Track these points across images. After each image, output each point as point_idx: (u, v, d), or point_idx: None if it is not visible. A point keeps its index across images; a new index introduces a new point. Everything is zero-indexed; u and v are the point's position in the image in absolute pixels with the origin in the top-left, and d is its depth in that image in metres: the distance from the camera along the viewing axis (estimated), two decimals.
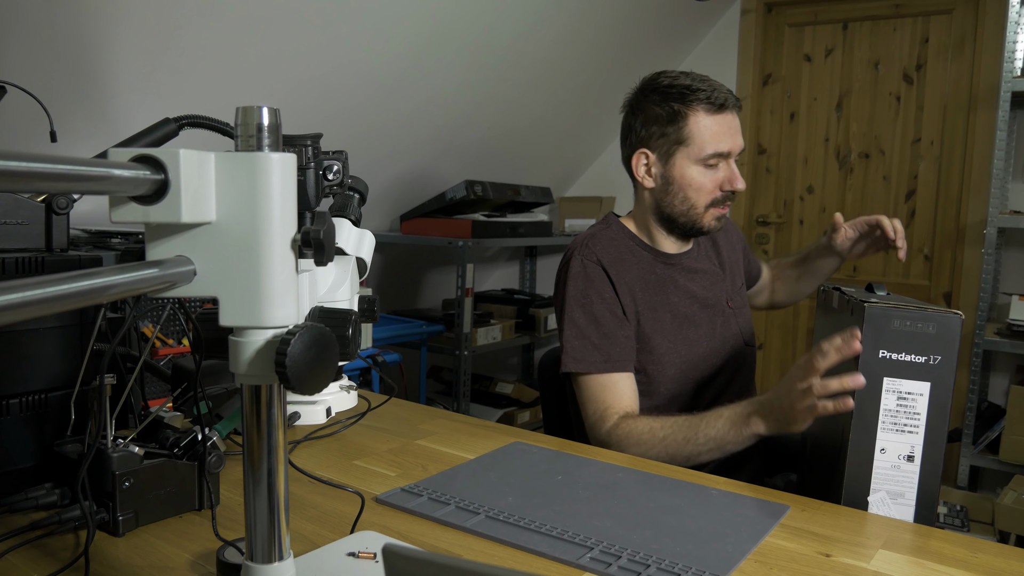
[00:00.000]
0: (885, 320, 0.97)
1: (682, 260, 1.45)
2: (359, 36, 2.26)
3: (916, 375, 0.96)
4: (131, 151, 0.50)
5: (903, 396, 0.97)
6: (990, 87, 2.90)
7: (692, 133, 1.33)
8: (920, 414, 0.97)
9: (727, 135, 1.34)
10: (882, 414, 0.97)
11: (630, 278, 1.39)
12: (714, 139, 1.33)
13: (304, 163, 0.63)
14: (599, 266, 1.38)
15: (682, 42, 3.46)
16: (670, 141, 1.36)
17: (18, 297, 0.37)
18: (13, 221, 0.93)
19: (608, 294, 1.36)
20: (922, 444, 0.97)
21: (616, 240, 1.43)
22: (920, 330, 0.96)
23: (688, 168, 1.35)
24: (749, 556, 0.81)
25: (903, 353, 0.96)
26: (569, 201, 3.62)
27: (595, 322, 1.34)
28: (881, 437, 0.98)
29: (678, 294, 1.42)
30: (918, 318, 0.96)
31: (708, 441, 1.19)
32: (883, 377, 0.97)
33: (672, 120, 1.35)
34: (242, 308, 0.54)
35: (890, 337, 0.97)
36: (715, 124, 1.33)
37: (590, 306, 1.35)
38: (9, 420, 0.88)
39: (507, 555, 0.81)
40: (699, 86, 1.34)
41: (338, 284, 0.70)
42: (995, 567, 0.81)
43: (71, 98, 1.84)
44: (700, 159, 1.34)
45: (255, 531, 0.59)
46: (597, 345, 1.33)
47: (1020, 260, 2.92)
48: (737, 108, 1.36)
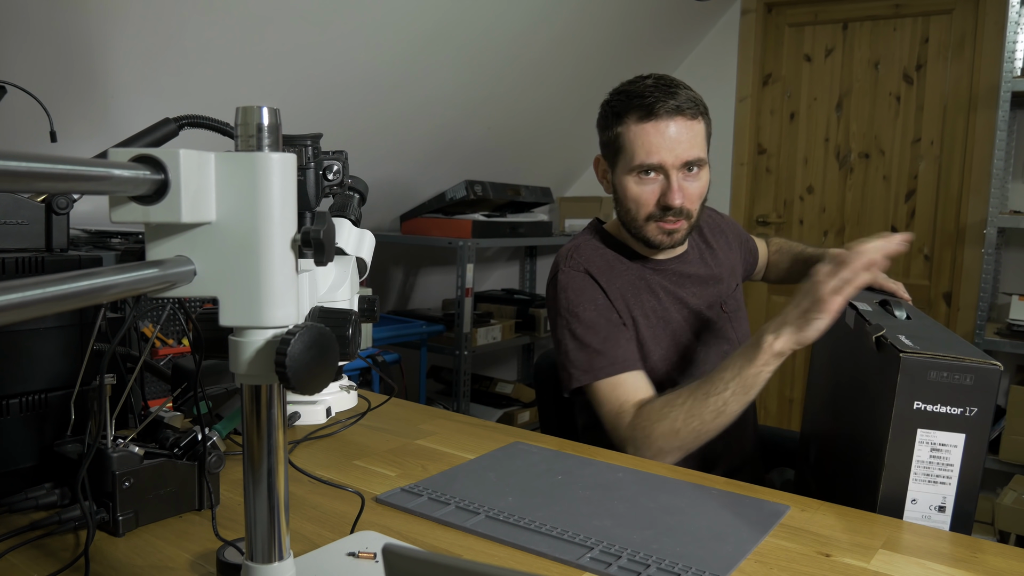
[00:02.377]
0: (922, 371, 0.92)
1: (671, 265, 1.41)
2: (359, 36, 2.26)
3: (951, 427, 0.92)
4: (131, 151, 0.50)
5: (937, 448, 0.93)
6: (990, 87, 2.90)
7: (624, 143, 1.29)
8: (954, 465, 0.93)
9: (661, 146, 1.25)
10: (914, 465, 0.94)
11: (620, 284, 1.35)
12: (643, 150, 1.26)
13: (304, 163, 0.63)
14: (587, 275, 1.34)
15: (682, 42, 3.46)
16: (611, 150, 1.32)
17: (18, 297, 0.37)
18: (13, 221, 0.93)
19: (601, 300, 1.32)
20: (954, 495, 0.94)
21: (601, 249, 1.39)
22: (957, 382, 0.91)
23: (623, 178, 1.31)
24: (749, 556, 0.81)
25: (939, 405, 0.92)
26: (569, 201, 3.62)
27: (592, 329, 1.29)
28: (913, 488, 0.94)
29: (669, 300, 1.38)
30: (956, 369, 0.91)
31: (729, 383, 1.13)
32: (917, 429, 0.93)
33: (607, 128, 1.32)
34: (242, 308, 0.54)
35: (926, 388, 0.92)
36: (645, 133, 1.26)
37: (584, 315, 1.30)
38: (9, 420, 0.88)
39: (507, 555, 0.81)
40: (639, 92, 1.26)
41: (338, 284, 0.70)
42: (995, 567, 0.81)
43: (71, 98, 1.84)
44: (631, 170, 1.29)
45: (255, 531, 0.59)
46: (600, 351, 1.27)
47: (1020, 260, 2.92)
48: (684, 116, 1.26)
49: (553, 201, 3.40)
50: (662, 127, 1.25)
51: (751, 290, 3.37)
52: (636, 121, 1.26)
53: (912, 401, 0.93)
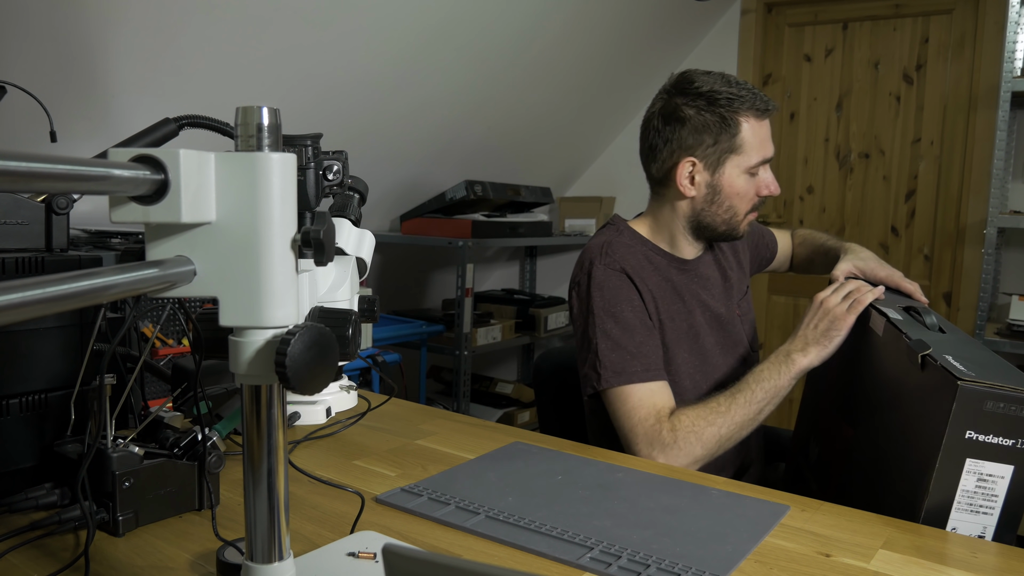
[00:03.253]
0: (979, 402, 0.89)
1: (697, 267, 1.42)
2: (359, 36, 2.26)
3: (1001, 458, 0.90)
4: (131, 151, 0.50)
5: (983, 478, 0.92)
6: (990, 87, 2.90)
7: (743, 141, 1.30)
8: (998, 496, 0.92)
9: (769, 141, 1.33)
10: (959, 495, 0.92)
11: (652, 285, 1.35)
12: (761, 146, 1.31)
13: (304, 163, 0.63)
14: (623, 273, 1.32)
15: (682, 42, 3.46)
16: (721, 149, 1.31)
17: (18, 297, 0.37)
18: (13, 221, 0.93)
19: (636, 301, 1.31)
20: (995, 526, 0.92)
21: (632, 247, 1.38)
22: (1014, 413, 0.89)
23: (737, 177, 1.32)
24: (749, 556, 0.81)
25: (991, 435, 0.90)
26: (569, 201, 3.62)
27: (629, 331, 1.27)
28: (955, 517, 0.93)
29: (694, 303, 1.38)
30: (1013, 400, 0.89)
31: (766, 394, 1.22)
32: (966, 458, 0.91)
33: (724, 128, 1.30)
34: (242, 308, 0.54)
35: (980, 418, 0.90)
36: (761, 130, 1.31)
37: (622, 315, 1.28)
38: (9, 420, 0.88)
39: (507, 555, 0.81)
40: (743, 92, 1.30)
41: (338, 284, 0.70)
42: (995, 567, 0.81)
43: (71, 98, 1.84)
44: (748, 167, 1.32)
45: (255, 531, 0.59)
46: (635, 354, 1.26)
47: (1020, 260, 2.92)
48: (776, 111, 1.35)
49: (553, 201, 3.40)
50: (767, 125, 1.34)
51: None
52: (756, 117, 1.31)
53: (965, 430, 0.91)
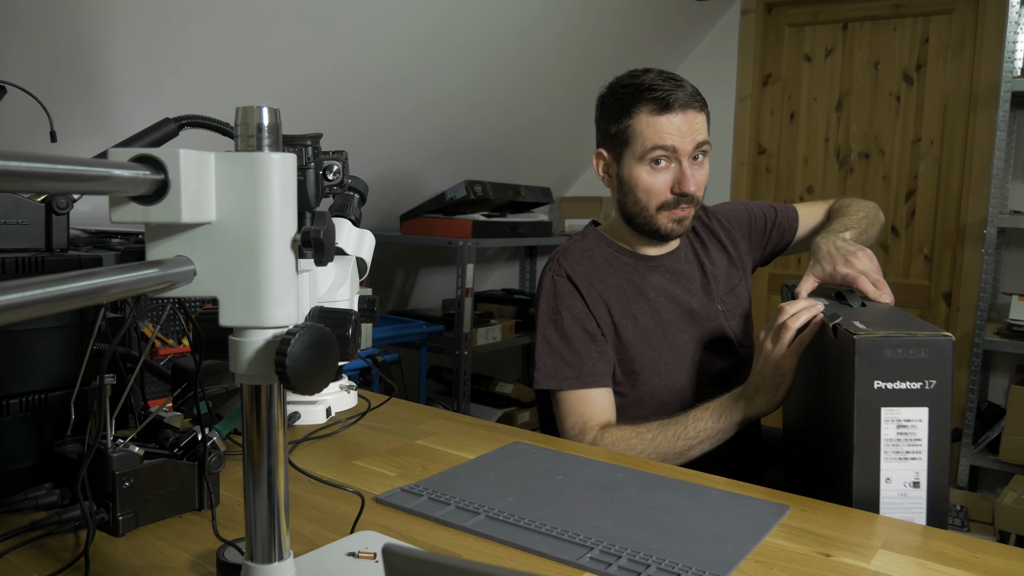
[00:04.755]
0: (877, 350, 0.94)
1: (664, 261, 1.42)
2: (359, 36, 2.26)
3: (913, 401, 0.95)
4: (131, 151, 0.50)
5: (902, 424, 0.95)
6: (990, 87, 2.90)
7: (634, 132, 1.30)
8: (921, 440, 0.95)
9: (673, 133, 1.28)
10: (883, 444, 0.96)
11: (604, 288, 1.37)
12: (657, 136, 1.29)
13: (304, 163, 0.63)
14: (568, 281, 1.36)
15: (682, 42, 3.46)
16: (617, 141, 1.33)
17: (18, 297, 0.37)
18: (13, 221, 0.93)
19: (579, 308, 1.35)
20: (926, 469, 0.95)
21: (591, 250, 1.41)
22: (912, 356, 0.94)
23: (634, 168, 1.32)
24: (749, 556, 0.81)
25: (898, 381, 0.95)
26: (569, 201, 3.62)
27: (565, 338, 1.33)
28: (885, 467, 0.96)
29: (660, 299, 1.39)
30: (909, 344, 0.94)
31: (699, 434, 1.22)
32: (880, 408, 0.95)
33: (616, 120, 1.32)
34: (242, 308, 0.54)
35: (883, 367, 0.94)
36: (659, 124, 1.29)
37: (560, 322, 1.34)
38: (9, 420, 0.88)
39: (507, 555, 0.81)
40: (649, 84, 1.29)
41: (338, 284, 0.70)
42: (995, 567, 0.81)
43: (71, 98, 1.84)
44: (643, 156, 1.30)
45: (255, 531, 0.59)
46: (568, 362, 1.32)
47: (1020, 260, 2.92)
48: (693, 108, 1.30)
49: (553, 201, 3.40)
50: (676, 119, 1.28)
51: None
52: (650, 112, 1.29)
53: (872, 381, 0.95)
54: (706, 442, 1.22)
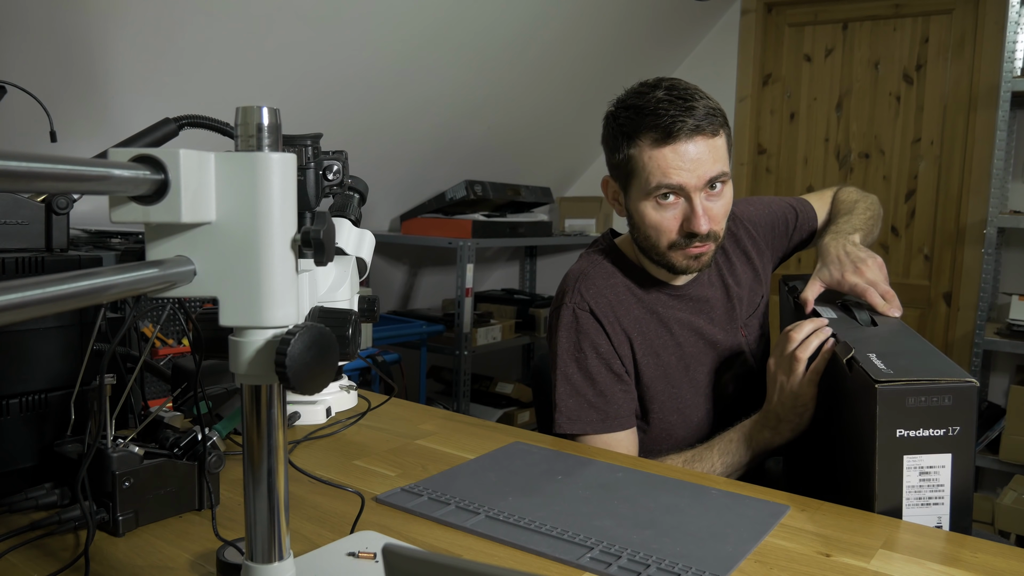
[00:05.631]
0: (900, 400, 0.91)
1: (688, 290, 1.31)
2: (359, 36, 2.26)
3: (936, 448, 0.92)
4: (131, 151, 0.50)
5: (925, 471, 0.93)
6: (990, 87, 2.90)
7: (637, 166, 1.17)
8: (944, 485, 0.93)
9: (680, 168, 1.14)
10: (906, 491, 0.93)
11: (627, 323, 1.26)
12: (660, 171, 1.14)
13: (304, 163, 0.63)
14: (591, 315, 1.25)
15: (682, 42, 3.46)
16: (621, 172, 1.21)
17: (18, 297, 0.37)
18: (13, 221, 0.93)
19: (604, 347, 1.24)
20: (949, 513, 0.94)
21: (612, 277, 1.29)
22: (936, 404, 0.91)
23: (640, 203, 1.19)
24: (749, 556, 0.81)
25: (921, 429, 0.92)
26: (569, 201, 3.62)
27: (590, 379, 1.23)
28: (908, 513, 0.94)
29: (683, 332, 1.29)
30: (933, 392, 0.91)
31: (727, 468, 1.18)
32: (903, 455, 0.93)
33: (617, 148, 1.19)
34: (242, 308, 0.54)
35: (906, 415, 0.92)
36: (663, 157, 1.14)
37: (584, 361, 1.23)
38: (9, 420, 0.88)
39: (507, 555, 0.81)
40: (653, 108, 1.14)
41: (338, 284, 0.70)
42: (995, 567, 0.81)
43: (71, 98, 1.84)
44: (648, 194, 1.17)
45: (255, 531, 0.59)
46: (593, 404, 1.23)
47: (1020, 260, 2.92)
48: (704, 134, 1.14)
49: (553, 201, 3.40)
50: (681, 150, 1.13)
51: None
52: (651, 144, 1.14)
53: (894, 429, 0.92)
54: (734, 475, 1.18)
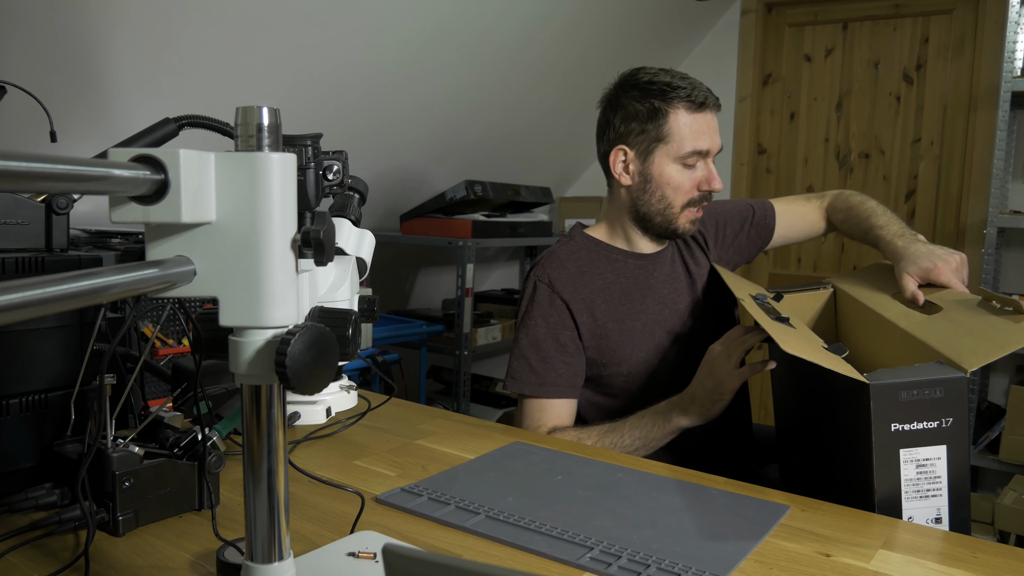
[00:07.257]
0: (892, 395, 0.93)
1: (654, 260, 1.44)
2: (359, 36, 2.26)
3: (931, 440, 0.94)
4: (131, 151, 0.50)
5: (921, 464, 0.95)
6: (990, 87, 2.90)
7: (672, 131, 1.32)
8: (941, 477, 0.95)
9: (706, 134, 1.32)
10: (904, 484, 0.95)
11: (590, 292, 1.37)
12: (693, 137, 1.31)
13: (304, 163, 0.63)
14: (549, 288, 1.37)
15: (682, 42, 3.45)
16: (649, 138, 1.34)
17: (18, 297, 0.37)
18: (13, 221, 0.93)
19: (554, 318, 1.36)
20: (947, 504, 0.95)
21: (577, 252, 1.42)
22: (928, 396, 0.93)
23: (667, 166, 1.34)
24: (749, 556, 0.81)
25: (914, 422, 0.94)
26: (569, 201, 3.62)
27: (535, 345, 1.35)
28: (907, 507, 0.95)
29: (653, 298, 1.40)
30: (924, 384, 0.93)
31: (634, 441, 1.26)
32: (899, 449, 0.94)
33: (652, 117, 1.32)
34: (242, 308, 0.54)
35: (899, 409, 0.93)
36: (695, 122, 1.32)
37: (533, 328, 1.36)
38: (9, 420, 0.88)
39: (507, 555, 0.81)
40: (679, 83, 1.32)
41: (338, 284, 0.70)
42: (995, 567, 0.81)
43: (71, 98, 1.84)
44: (679, 157, 1.32)
45: (255, 531, 0.59)
46: (534, 368, 1.35)
47: (1020, 260, 2.92)
48: (716, 108, 1.34)
49: (553, 201, 3.40)
50: (708, 117, 1.33)
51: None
52: (688, 110, 1.31)
53: (889, 424, 0.94)
54: (641, 449, 1.26)
